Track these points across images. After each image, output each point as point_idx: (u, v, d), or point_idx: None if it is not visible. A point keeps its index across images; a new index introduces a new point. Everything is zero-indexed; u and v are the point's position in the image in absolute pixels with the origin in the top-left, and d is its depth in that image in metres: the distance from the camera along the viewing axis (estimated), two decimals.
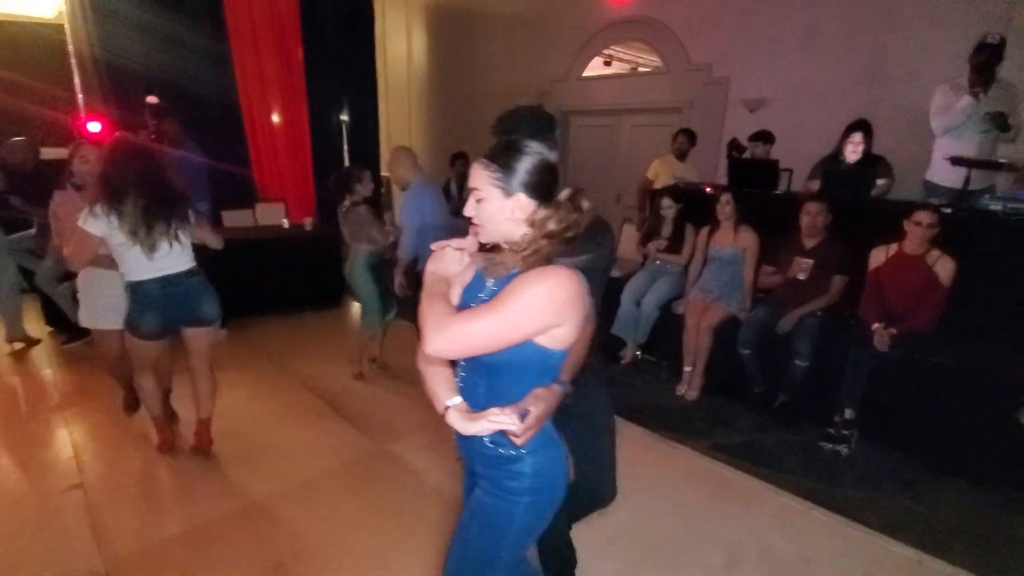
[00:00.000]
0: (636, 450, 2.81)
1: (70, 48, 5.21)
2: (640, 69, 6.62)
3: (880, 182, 3.58)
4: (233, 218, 5.41)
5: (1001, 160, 3.36)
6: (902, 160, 3.73)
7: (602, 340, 3.45)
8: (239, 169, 5.90)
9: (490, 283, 1.13)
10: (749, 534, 2.26)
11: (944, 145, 3.50)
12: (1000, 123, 3.29)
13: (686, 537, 2.23)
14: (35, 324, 4.22)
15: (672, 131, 4.98)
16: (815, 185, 3.70)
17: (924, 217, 2.76)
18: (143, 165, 2.29)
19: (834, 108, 4.24)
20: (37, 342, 4.04)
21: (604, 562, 2.08)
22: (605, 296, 1.56)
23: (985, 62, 3.25)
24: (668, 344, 3.64)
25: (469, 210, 1.11)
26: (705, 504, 2.45)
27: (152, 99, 4.56)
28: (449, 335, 0.97)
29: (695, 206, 3.79)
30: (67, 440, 2.85)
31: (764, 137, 4.33)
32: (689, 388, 3.43)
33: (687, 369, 3.44)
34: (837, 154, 3.63)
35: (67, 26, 5.17)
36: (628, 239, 4.59)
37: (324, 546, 2.14)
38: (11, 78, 4.93)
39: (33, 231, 3.99)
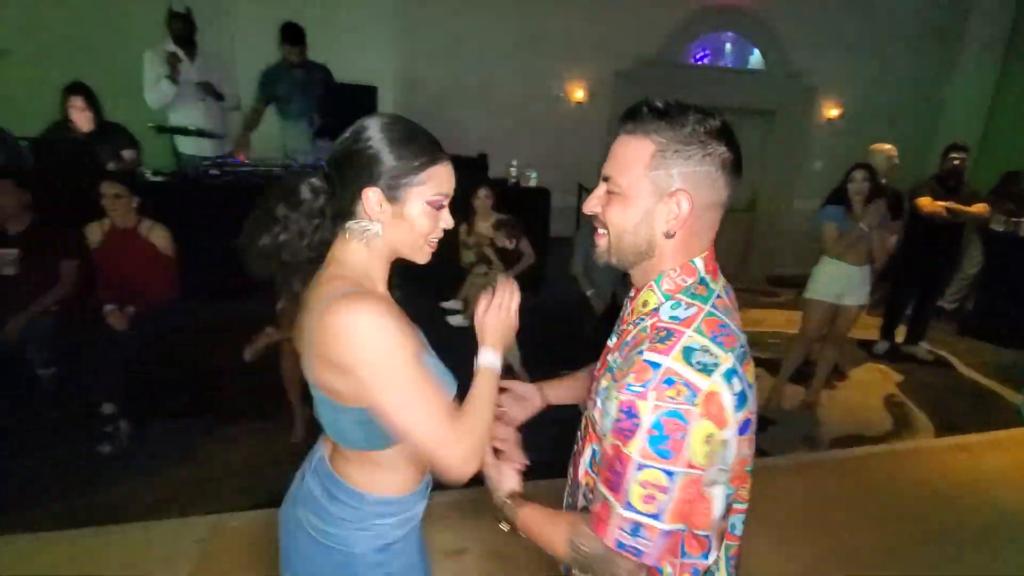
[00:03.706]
0: None
1: None
2: None
3: (125, 153, 3.27)
4: None
5: (195, 127, 3.53)
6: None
7: None
8: None
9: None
10: None
11: (173, 114, 3.54)
12: (210, 91, 3.49)
13: None
14: None
15: None
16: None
17: (107, 188, 2.54)
18: None
19: (79, 66, 3.65)
20: None
21: None
22: None
23: (181, 29, 3.38)
24: None
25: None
26: None
27: None
28: None
29: None
30: None
31: None
32: None
33: None
34: (66, 121, 3.14)
35: None
36: None
37: None
38: None
39: None
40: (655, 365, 0.68)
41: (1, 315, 2.51)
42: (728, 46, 5.99)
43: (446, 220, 0.88)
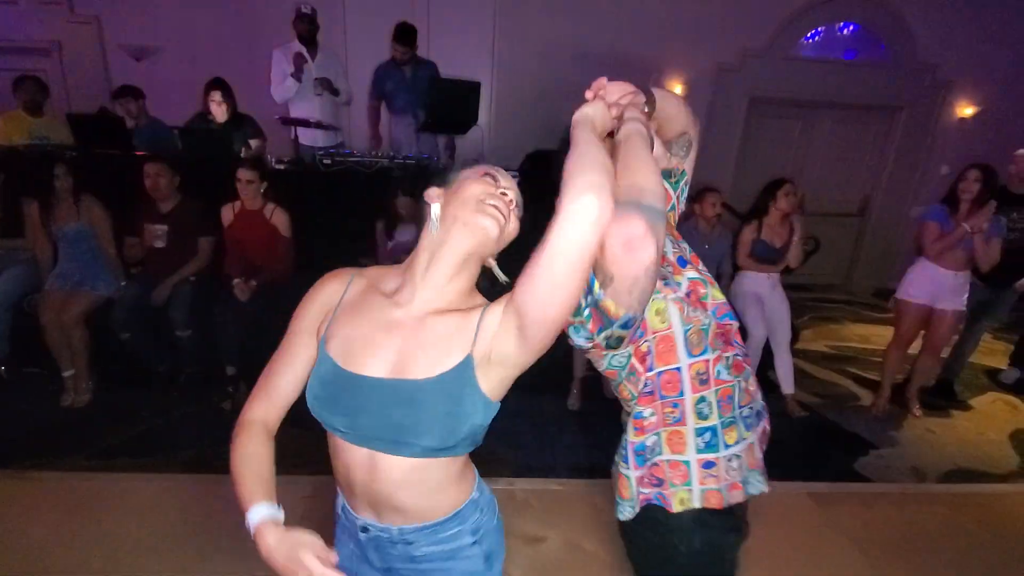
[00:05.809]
0: None
1: None
2: None
3: (253, 142, 3.62)
4: None
5: (315, 120, 3.74)
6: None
7: None
8: None
9: None
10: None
11: (293, 107, 3.85)
12: (328, 86, 3.74)
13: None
14: None
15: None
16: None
17: (242, 174, 2.86)
18: None
19: (219, 63, 4.10)
20: None
21: None
22: None
23: (307, 30, 3.66)
24: (36, 349, 2.97)
25: None
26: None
27: None
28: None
29: (31, 175, 3.06)
30: None
31: (132, 92, 3.87)
32: (77, 394, 2.91)
33: (66, 374, 2.90)
34: (206, 112, 3.61)
35: None
36: None
37: None
38: None
39: None
40: None
41: (153, 281, 2.92)
42: (843, 37, 5.54)
43: None
